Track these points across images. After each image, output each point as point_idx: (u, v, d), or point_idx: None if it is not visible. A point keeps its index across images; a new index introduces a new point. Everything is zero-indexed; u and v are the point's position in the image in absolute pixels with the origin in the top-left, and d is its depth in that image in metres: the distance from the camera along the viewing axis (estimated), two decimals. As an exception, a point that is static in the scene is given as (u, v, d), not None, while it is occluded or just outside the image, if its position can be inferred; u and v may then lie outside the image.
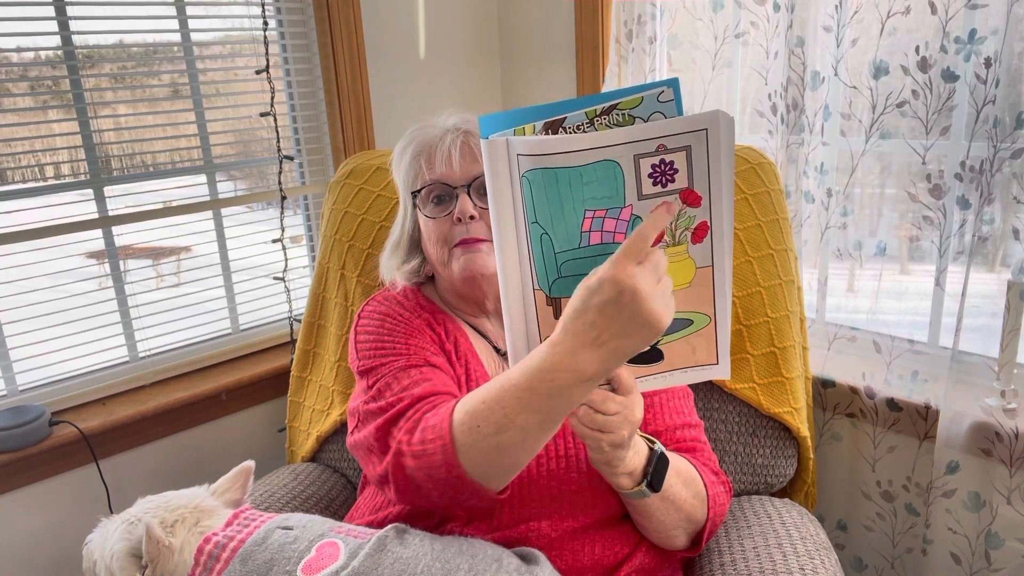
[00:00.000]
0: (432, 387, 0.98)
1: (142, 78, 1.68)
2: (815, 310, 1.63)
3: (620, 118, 0.75)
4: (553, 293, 0.80)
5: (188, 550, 0.93)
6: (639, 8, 1.76)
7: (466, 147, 1.06)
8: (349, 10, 1.84)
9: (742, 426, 1.37)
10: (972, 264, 1.35)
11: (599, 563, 1.03)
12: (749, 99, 1.65)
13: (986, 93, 1.28)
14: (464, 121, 1.11)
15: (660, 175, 0.76)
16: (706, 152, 0.75)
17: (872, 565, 1.65)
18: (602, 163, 0.74)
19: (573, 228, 0.77)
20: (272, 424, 1.88)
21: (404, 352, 1.05)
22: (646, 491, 0.95)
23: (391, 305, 1.14)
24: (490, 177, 0.77)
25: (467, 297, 1.13)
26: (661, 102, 0.75)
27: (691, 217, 0.79)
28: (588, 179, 0.75)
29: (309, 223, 2.00)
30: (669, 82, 0.75)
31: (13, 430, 1.46)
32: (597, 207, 0.77)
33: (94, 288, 1.68)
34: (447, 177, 1.06)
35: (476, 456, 0.86)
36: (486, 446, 0.85)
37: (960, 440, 1.38)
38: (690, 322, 0.84)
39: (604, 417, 0.84)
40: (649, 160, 0.75)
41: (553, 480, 1.03)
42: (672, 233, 0.79)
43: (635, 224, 0.77)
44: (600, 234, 0.78)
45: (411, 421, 0.93)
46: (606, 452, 0.88)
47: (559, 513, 1.03)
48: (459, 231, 1.06)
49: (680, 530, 1.04)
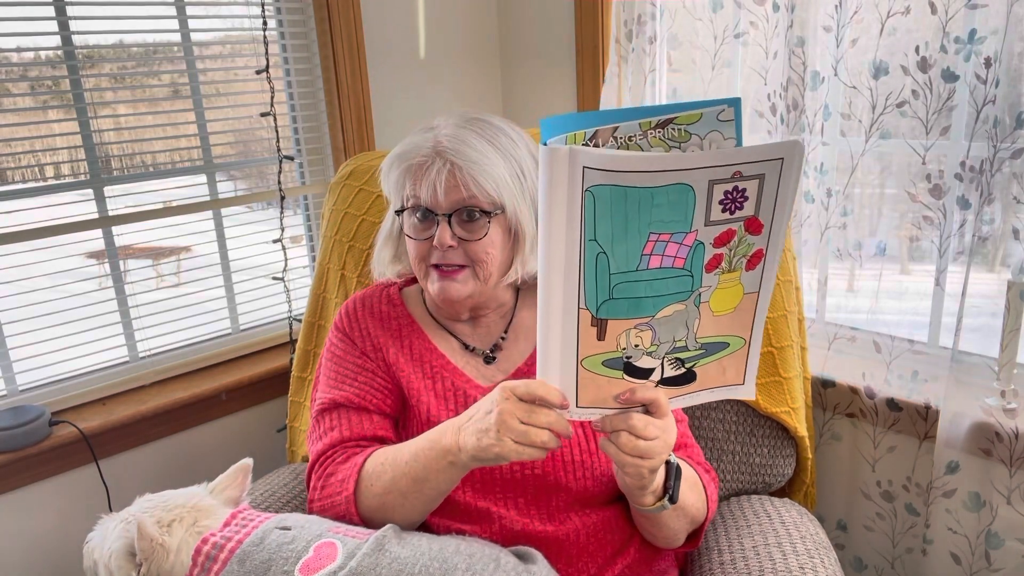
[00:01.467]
0: (339, 436, 1.08)
1: (142, 78, 1.68)
2: (815, 310, 1.63)
3: (676, 133, 0.72)
4: (600, 314, 0.76)
5: (185, 550, 0.93)
6: (639, 8, 1.76)
7: (451, 179, 1.03)
8: (349, 10, 1.84)
9: (740, 426, 1.36)
10: (972, 264, 1.34)
11: (595, 558, 1.04)
12: (749, 99, 1.65)
13: (986, 93, 1.27)
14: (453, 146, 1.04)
15: (731, 202, 0.73)
16: (777, 181, 0.73)
17: (872, 565, 1.65)
18: (676, 186, 0.71)
19: (634, 250, 0.73)
20: (272, 424, 1.88)
21: (345, 385, 1.13)
22: (667, 505, 0.94)
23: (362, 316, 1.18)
24: (546, 187, 0.71)
25: (443, 308, 1.16)
26: (721, 120, 0.72)
27: (750, 244, 0.77)
28: (659, 201, 0.71)
29: (309, 223, 2.01)
30: (730, 101, 0.72)
31: (13, 430, 1.46)
32: (662, 230, 0.73)
33: (94, 288, 1.68)
34: (431, 204, 1.05)
35: (366, 510, 1.01)
36: (374, 503, 1.00)
37: (960, 440, 1.38)
38: (726, 345, 0.83)
39: (646, 443, 0.83)
40: (723, 186, 0.72)
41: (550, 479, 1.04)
42: (729, 260, 0.77)
43: (698, 251, 0.75)
44: (661, 258, 0.75)
45: (320, 478, 1.07)
46: (646, 477, 0.87)
47: (556, 512, 1.04)
48: (436, 255, 1.06)
49: (684, 532, 1.06)
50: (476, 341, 1.16)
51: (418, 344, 1.14)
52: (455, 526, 1.03)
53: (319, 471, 1.08)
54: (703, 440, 1.36)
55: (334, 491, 1.03)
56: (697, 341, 0.81)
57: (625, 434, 0.83)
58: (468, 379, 1.11)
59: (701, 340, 0.81)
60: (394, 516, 0.99)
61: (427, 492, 0.96)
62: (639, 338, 0.79)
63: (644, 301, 0.76)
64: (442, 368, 1.12)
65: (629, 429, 0.82)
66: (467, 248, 1.05)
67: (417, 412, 1.09)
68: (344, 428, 1.09)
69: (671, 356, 0.81)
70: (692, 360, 0.83)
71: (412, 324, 1.17)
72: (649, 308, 0.77)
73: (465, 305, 1.13)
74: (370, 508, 1.01)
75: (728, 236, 0.76)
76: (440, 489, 0.96)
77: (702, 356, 0.82)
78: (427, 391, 1.10)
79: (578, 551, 1.03)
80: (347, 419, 1.10)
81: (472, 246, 1.05)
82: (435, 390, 1.10)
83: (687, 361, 0.83)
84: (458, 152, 1.04)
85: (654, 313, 0.77)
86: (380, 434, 1.09)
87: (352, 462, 1.04)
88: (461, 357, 1.14)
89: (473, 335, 1.17)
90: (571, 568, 1.03)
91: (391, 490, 0.98)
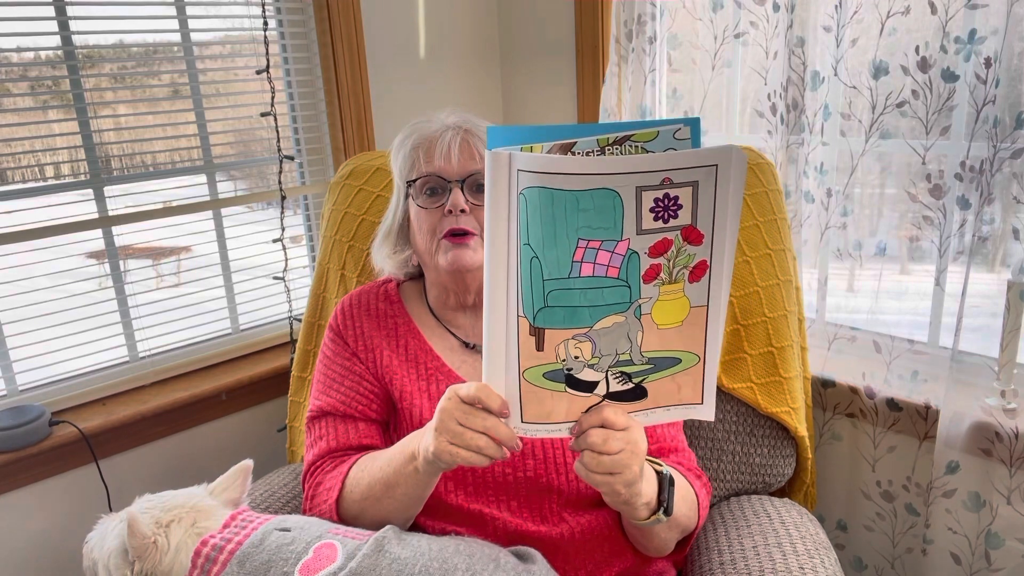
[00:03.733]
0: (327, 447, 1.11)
1: (142, 78, 1.68)
2: (815, 310, 1.63)
3: (632, 149, 0.72)
4: (537, 323, 0.75)
5: (185, 551, 0.93)
6: (639, 8, 1.76)
7: (465, 144, 1.08)
8: (349, 10, 1.84)
9: (740, 426, 1.36)
10: (972, 264, 1.34)
11: (591, 558, 1.04)
12: (749, 99, 1.65)
13: (986, 93, 1.27)
14: (465, 120, 1.12)
15: (663, 210, 0.72)
16: (714, 189, 0.71)
17: (872, 565, 1.65)
18: (601, 191, 0.70)
19: (564, 256, 0.73)
20: (272, 424, 1.88)
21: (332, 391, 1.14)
22: (663, 518, 0.91)
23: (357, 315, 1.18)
24: (489, 190, 0.72)
25: (450, 288, 1.15)
26: (677, 139, 0.71)
27: (691, 255, 0.75)
28: (584, 206, 0.70)
29: (309, 223, 2.01)
30: (688, 121, 0.71)
31: (13, 430, 1.47)
32: (591, 237, 0.72)
33: (94, 288, 1.68)
34: (443, 171, 1.07)
35: (349, 518, 1.04)
36: (354, 510, 1.03)
37: (960, 440, 1.38)
38: (678, 360, 0.81)
39: (611, 458, 0.80)
40: (652, 193, 0.71)
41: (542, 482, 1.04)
42: (669, 271, 0.75)
43: (631, 260, 0.73)
44: (592, 266, 0.73)
45: (311, 487, 1.10)
46: (622, 494, 0.83)
47: (550, 514, 1.04)
48: (448, 222, 1.07)
49: (674, 541, 1.05)
50: (476, 336, 1.16)
51: (413, 345, 1.14)
52: (450, 529, 1.04)
53: (310, 481, 1.11)
54: (703, 440, 1.36)
55: (321, 500, 1.06)
56: (643, 355, 0.79)
57: (588, 453, 0.81)
58: (460, 381, 1.11)
59: (648, 355, 0.79)
60: (373, 518, 1.00)
61: (399, 497, 0.97)
62: (578, 349, 0.77)
63: (580, 311, 0.75)
64: (436, 370, 1.12)
65: (589, 447, 0.80)
66: (478, 215, 1.07)
67: (409, 415, 1.09)
68: (331, 438, 1.11)
69: (616, 370, 0.79)
70: (640, 375, 0.81)
71: (409, 323, 1.17)
72: (586, 318, 0.76)
73: (475, 279, 1.11)
74: (351, 514, 1.03)
75: (664, 246, 0.74)
76: (411, 494, 0.97)
77: (651, 371, 0.80)
78: (420, 394, 1.10)
79: (574, 551, 1.03)
80: (334, 428, 1.12)
81: (483, 213, 1.06)
82: (428, 392, 1.10)
83: (635, 376, 0.81)
84: (468, 122, 1.11)
85: (592, 324, 0.76)
86: (366, 443, 1.11)
87: (338, 471, 1.07)
88: (458, 357, 1.14)
89: (474, 328, 1.16)
90: (568, 567, 1.03)
91: (367, 496, 1.00)
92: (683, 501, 1.00)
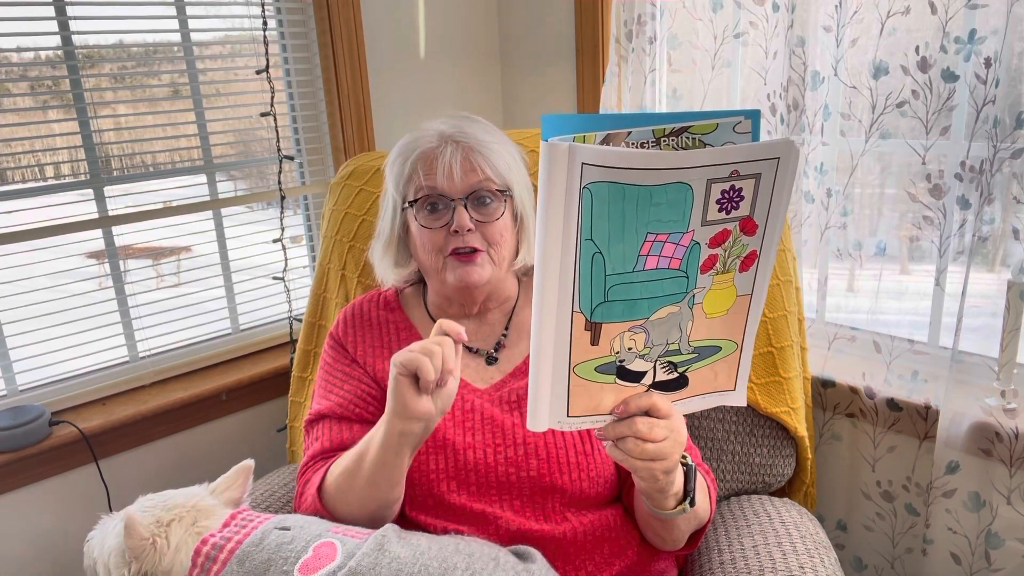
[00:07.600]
0: (320, 447, 1.10)
1: (142, 78, 1.68)
2: (815, 310, 1.63)
3: (689, 142, 0.71)
4: (594, 318, 0.74)
5: (185, 551, 0.93)
6: (639, 8, 1.76)
7: (466, 161, 1.06)
8: (349, 10, 1.84)
9: (739, 425, 1.36)
10: (972, 264, 1.34)
11: (592, 558, 1.04)
12: (749, 99, 1.65)
13: (986, 93, 1.27)
14: (460, 131, 1.08)
15: (727, 201, 0.72)
16: (773, 181, 0.72)
17: (872, 565, 1.65)
18: (675, 185, 0.69)
19: (631, 250, 0.71)
20: (272, 424, 1.88)
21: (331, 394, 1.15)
22: (688, 508, 0.92)
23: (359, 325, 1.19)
24: (545, 184, 0.68)
25: (455, 300, 1.15)
26: (737, 132, 0.71)
27: (744, 245, 0.75)
28: (658, 200, 0.69)
29: (309, 223, 2.01)
30: (749, 113, 0.71)
31: (13, 430, 1.47)
32: (660, 230, 0.71)
33: (94, 288, 1.68)
34: (446, 189, 1.06)
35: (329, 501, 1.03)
36: (331, 489, 1.02)
37: (960, 440, 1.38)
38: (718, 349, 0.82)
39: (655, 446, 0.81)
40: (720, 186, 0.71)
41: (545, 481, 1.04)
42: (724, 260, 0.75)
43: (693, 251, 0.74)
44: (657, 259, 0.73)
45: (301, 484, 1.10)
46: (660, 480, 0.85)
47: (552, 513, 1.04)
48: (454, 241, 1.06)
49: (687, 534, 1.05)
50: (479, 341, 1.16)
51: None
52: (452, 527, 1.03)
53: (300, 480, 1.11)
54: (703, 440, 1.36)
55: (308, 493, 1.06)
56: (690, 344, 0.80)
57: (631, 439, 0.81)
58: (464, 383, 1.11)
59: (693, 343, 0.80)
60: (348, 498, 1.00)
61: (370, 464, 0.96)
62: (633, 340, 0.78)
63: (640, 303, 0.75)
64: None
65: (634, 434, 0.81)
66: (483, 231, 1.06)
67: None
68: (326, 439, 1.11)
69: (663, 359, 0.80)
70: (685, 364, 0.82)
71: (410, 329, 1.17)
72: (644, 310, 0.76)
73: (482, 292, 1.12)
74: (330, 498, 1.03)
75: (723, 236, 0.75)
76: (382, 459, 0.94)
77: (695, 360, 0.81)
78: None
79: (576, 550, 1.03)
80: (329, 429, 1.12)
81: (488, 228, 1.07)
82: None
83: (680, 365, 0.82)
84: (466, 135, 1.07)
85: (649, 315, 0.76)
86: None
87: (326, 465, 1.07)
88: (460, 360, 1.14)
89: (477, 334, 1.16)
90: (568, 567, 1.03)
91: (343, 472, 1.00)
92: (701, 492, 1.01)
